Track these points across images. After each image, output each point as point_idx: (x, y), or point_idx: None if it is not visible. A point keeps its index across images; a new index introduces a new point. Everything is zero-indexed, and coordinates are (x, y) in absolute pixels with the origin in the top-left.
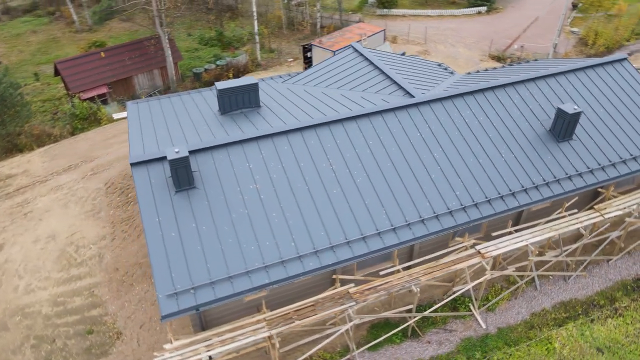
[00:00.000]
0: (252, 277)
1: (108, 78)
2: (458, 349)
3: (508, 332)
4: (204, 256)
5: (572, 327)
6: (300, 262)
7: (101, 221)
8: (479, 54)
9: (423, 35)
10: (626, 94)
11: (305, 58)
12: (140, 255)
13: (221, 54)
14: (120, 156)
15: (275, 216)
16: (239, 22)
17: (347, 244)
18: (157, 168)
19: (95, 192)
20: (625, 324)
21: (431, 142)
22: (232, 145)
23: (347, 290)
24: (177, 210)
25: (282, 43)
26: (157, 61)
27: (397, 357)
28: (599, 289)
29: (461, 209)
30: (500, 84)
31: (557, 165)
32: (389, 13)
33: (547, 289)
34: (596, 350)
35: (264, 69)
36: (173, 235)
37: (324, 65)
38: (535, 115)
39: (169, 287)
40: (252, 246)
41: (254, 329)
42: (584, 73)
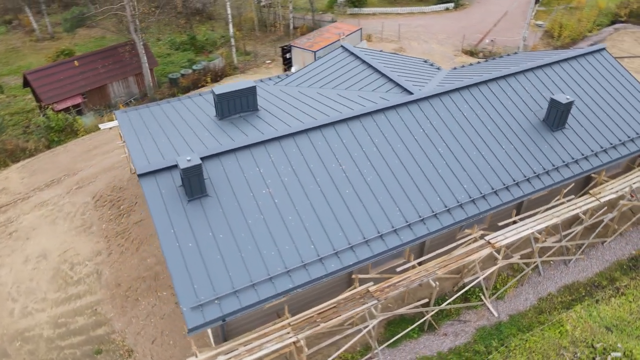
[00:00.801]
0: (275, 283)
1: (82, 87)
2: (474, 338)
3: (519, 319)
4: (224, 265)
5: (580, 309)
6: (321, 264)
7: (94, 236)
8: (452, 49)
9: (396, 33)
10: (608, 82)
11: (285, 59)
12: (142, 269)
13: (195, 58)
14: (105, 168)
15: (292, 220)
16: (209, 26)
17: (365, 243)
18: (166, 178)
19: (83, 206)
20: (628, 302)
21: (434, 138)
22: (240, 151)
23: (367, 289)
24: (191, 219)
25: (256, 45)
26: (132, 68)
27: (416, 351)
28: (597, 270)
29: (470, 202)
30: (492, 77)
31: (554, 153)
32: (359, 12)
33: (549, 273)
34: (605, 329)
35: (242, 72)
36: (190, 245)
37: (315, 66)
38: (528, 106)
39: (192, 299)
40: (272, 251)
41: (280, 335)
42: (568, 64)
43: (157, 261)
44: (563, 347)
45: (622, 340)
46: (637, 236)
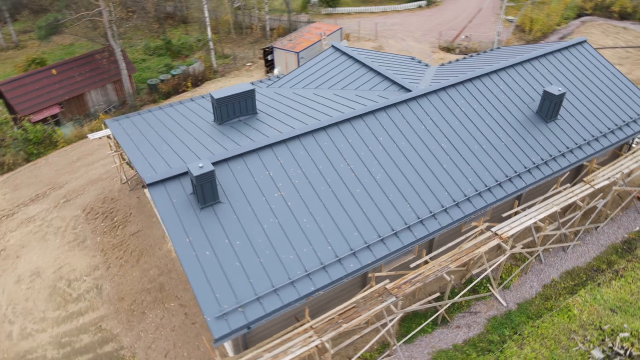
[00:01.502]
0: (297, 287)
1: (59, 97)
2: (487, 329)
3: (527, 306)
4: (244, 272)
5: (585, 293)
6: (340, 265)
7: (89, 250)
8: (429, 46)
9: (373, 32)
10: (592, 73)
11: (266, 61)
12: (146, 281)
13: (172, 63)
14: (92, 179)
15: (307, 222)
16: (182, 29)
17: (381, 241)
18: (176, 186)
19: (74, 220)
20: (627, 284)
21: (436, 133)
22: (247, 155)
23: (384, 286)
24: (206, 227)
25: (234, 48)
26: (110, 75)
27: (432, 345)
28: (595, 255)
29: (477, 195)
30: (485, 72)
31: (550, 144)
32: (334, 11)
33: (550, 261)
34: (610, 311)
35: (222, 75)
36: (208, 254)
37: (307, 67)
38: (521, 99)
39: (215, 308)
40: (290, 255)
41: (304, 338)
42: (554, 57)
43: (161, 272)
44: (573, 331)
45: (627, 320)
46: (627, 220)
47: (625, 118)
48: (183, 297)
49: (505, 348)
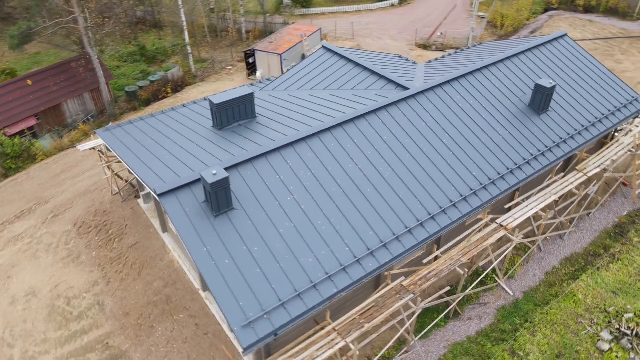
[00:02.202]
0: (320, 290)
1: (35, 108)
2: (497, 319)
3: (533, 294)
4: (265, 278)
5: (587, 278)
6: (360, 265)
7: (85, 266)
8: (406, 44)
9: (349, 31)
10: (575, 65)
11: (248, 64)
12: (151, 294)
13: (149, 69)
14: (80, 192)
15: (322, 224)
16: (155, 34)
17: (396, 239)
18: (187, 195)
19: (65, 235)
20: (625, 267)
21: (437, 130)
22: (256, 160)
23: (401, 284)
24: (222, 235)
25: (210, 52)
26: (87, 84)
27: (447, 339)
28: (590, 240)
29: (482, 188)
30: (477, 67)
31: (545, 135)
32: (308, 12)
33: (549, 248)
34: (612, 293)
35: (202, 80)
36: (227, 262)
37: (300, 68)
38: (513, 92)
39: (241, 317)
40: (309, 258)
41: (329, 341)
42: (539, 50)
43: (165, 284)
44: (580, 316)
45: (629, 302)
46: (615, 205)
47: (610, 107)
48: (192, 308)
49: (519, 336)
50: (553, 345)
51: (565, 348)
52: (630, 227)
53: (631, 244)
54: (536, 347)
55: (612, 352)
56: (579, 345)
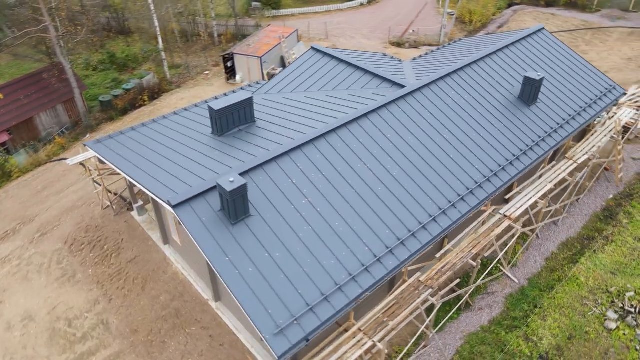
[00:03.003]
0: (345, 291)
1: (6, 123)
2: (507, 307)
3: (537, 280)
4: (290, 283)
5: (586, 261)
6: (380, 264)
7: (83, 284)
8: (380, 42)
9: (322, 32)
10: (554, 56)
11: (227, 68)
12: (158, 308)
13: (120, 77)
14: (66, 208)
15: (339, 225)
16: (122, 41)
17: (412, 235)
18: (202, 204)
19: (56, 254)
20: (619, 248)
21: (437, 125)
22: (267, 164)
23: (418, 279)
24: (242, 243)
25: (183, 57)
26: (60, 95)
27: (462, 330)
28: (582, 225)
29: (486, 180)
30: (466, 63)
31: (537, 126)
32: (278, 14)
33: (545, 235)
34: (611, 274)
35: (178, 86)
36: (251, 270)
37: (290, 71)
38: (502, 86)
39: (271, 325)
40: (331, 260)
41: (356, 342)
42: (520, 44)
43: (172, 297)
44: (584, 297)
45: (628, 281)
46: (601, 189)
47: (591, 96)
48: (204, 320)
49: (530, 322)
50: (564, 328)
51: (575, 330)
52: (618, 210)
53: (621, 226)
54: (548, 332)
55: (619, 330)
56: (587, 326)
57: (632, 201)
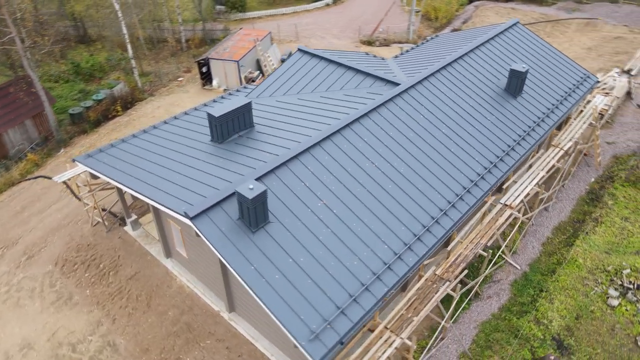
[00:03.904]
0: (372, 291)
1: None
2: (513, 293)
3: (537, 265)
4: (318, 287)
5: (581, 243)
6: (401, 261)
7: (82, 306)
8: (350, 41)
9: (292, 33)
10: (531, 48)
11: (202, 73)
12: (168, 324)
13: (87, 87)
14: (52, 228)
15: (357, 226)
16: (84, 50)
17: (427, 230)
18: (219, 214)
19: (48, 277)
20: (608, 228)
21: (434, 121)
22: (279, 169)
23: (434, 273)
24: (265, 251)
25: (152, 64)
26: (28, 109)
27: (475, 319)
28: (571, 209)
29: (487, 172)
30: (453, 58)
31: (525, 116)
32: (244, 16)
33: (538, 221)
34: (605, 254)
35: (151, 94)
36: (277, 277)
37: (279, 74)
38: (488, 79)
39: (305, 331)
40: (354, 261)
41: (385, 340)
42: (500, 38)
43: (181, 311)
44: (585, 278)
45: (622, 259)
46: (582, 174)
47: (570, 85)
48: (217, 332)
49: (539, 306)
50: (570, 309)
51: (581, 310)
52: (602, 192)
53: (607, 207)
54: (556, 314)
55: (621, 306)
56: (591, 305)
57: (614, 183)
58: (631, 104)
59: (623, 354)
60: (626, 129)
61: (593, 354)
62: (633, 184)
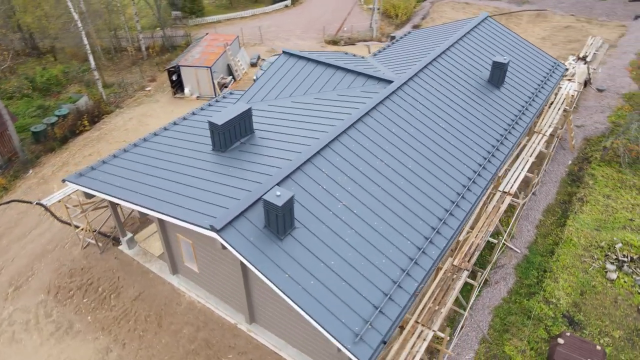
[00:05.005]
0: (404, 287)
1: None
2: (518, 276)
3: (536, 247)
4: (353, 289)
5: (572, 223)
6: (425, 255)
7: (85, 334)
8: (315, 41)
9: (256, 36)
10: (505, 41)
11: (172, 82)
12: (185, 342)
13: (46, 103)
14: (36, 254)
15: (378, 224)
16: (35, 63)
17: (444, 223)
18: (244, 223)
19: (41, 307)
20: (594, 206)
21: (432, 116)
22: (294, 174)
23: (452, 264)
24: (296, 257)
25: (113, 75)
26: None
27: (488, 305)
28: (556, 191)
29: (487, 161)
30: (437, 54)
31: (511, 105)
32: (203, 21)
33: (528, 205)
34: (596, 231)
35: (117, 106)
36: (312, 283)
37: (267, 78)
38: (472, 72)
39: (349, 335)
40: (382, 260)
41: (419, 334)
42: (475, 32)
43: (197, 328)
44: (582, 255)
45: (612, 234)
46: (559, 156)
47: (543, 74)
48: (238, 345)
49: (545, 286)
50: (574, 286)
51: (584, 286)
52: (582, 173)
53: (589, 187)
54: (562, 292)
55: (619, 279)
56: (593, 280)
57: (591, 164)
58: (591, 89)
59: (629, 323)
60: (591, 112)
61: (602, 326)
62: (608, 164)
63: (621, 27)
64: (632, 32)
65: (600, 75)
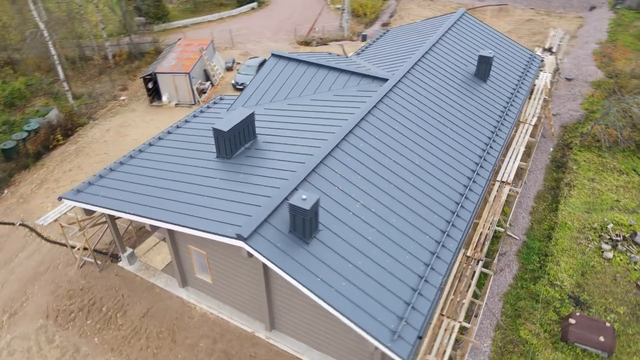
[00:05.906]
0: (430, 280)
1: None
2: (521, 262)
3: (533, 233)
4: (384, 288)
5: (564, 207)
6: (445, 249)
7: (94, 356)
8: (287, 43)
9: (226, 40)
10: (484, 35)
11: (149, 90)
12: (203, 355)
13: (11, 118)
14: (28, 278)
15: (396, 221)
16: None
17: (457, 215)
18: (269, 230)
19: (42, 333)
20: (581, 190)
21: (428, 111)
22: (310, 176)
23: (466, 254)
24: (325, 260)
25: (81, 85)
26: None
27: (497, 293)
28: (543, 177)
29: (486, 152)
30: (425, 50)
31: (499, 98)
32: (169, 26)
33: (520, 192)
34: (587, 213)
35: (90, 117)
36: (344, 284)
37: (259, 81)
38: (458, 67)
39: (387, 333)
40: (405, 256)
41: (447, 327)
42: (455, 28)
43: (213, 340)
44: (577, 238)
45: (602, 215)
46: (541, 145)
47: (522, 66)
48: (259, 353)
49: (549, 269)
50: (575, 268)
51: (584, 267)
52: (565, 159)
53: (574, 172)
54: (565, 274)
55: (615, 257)
56: (591, 260)
57: (572, 149)
58: (560, 78)
59: (631, 298)
60: (564, 101)
61: (607, 303)
62: (588, 148)
63: (579, 19)
64: (589, 22)
65: (566, 65)
